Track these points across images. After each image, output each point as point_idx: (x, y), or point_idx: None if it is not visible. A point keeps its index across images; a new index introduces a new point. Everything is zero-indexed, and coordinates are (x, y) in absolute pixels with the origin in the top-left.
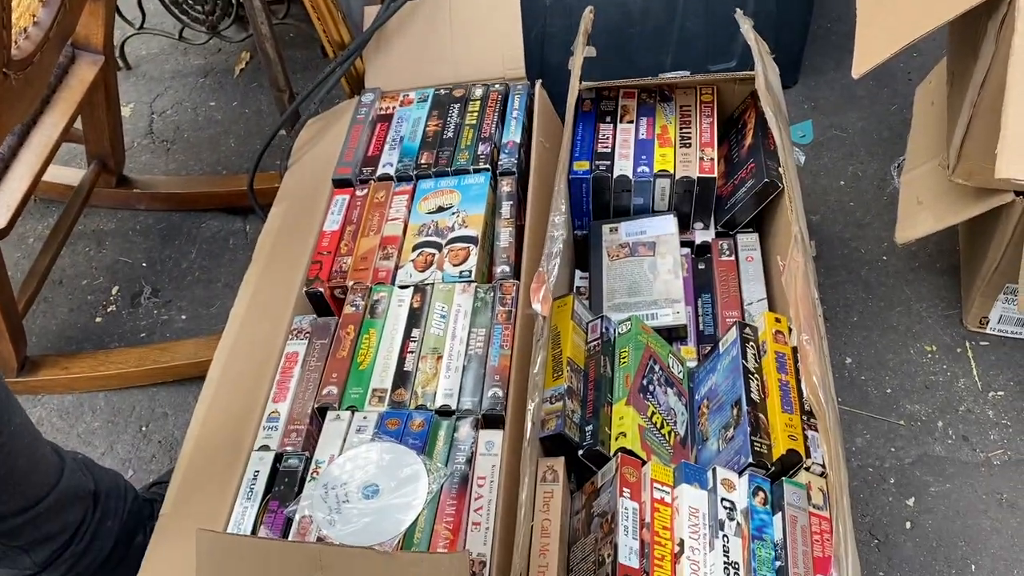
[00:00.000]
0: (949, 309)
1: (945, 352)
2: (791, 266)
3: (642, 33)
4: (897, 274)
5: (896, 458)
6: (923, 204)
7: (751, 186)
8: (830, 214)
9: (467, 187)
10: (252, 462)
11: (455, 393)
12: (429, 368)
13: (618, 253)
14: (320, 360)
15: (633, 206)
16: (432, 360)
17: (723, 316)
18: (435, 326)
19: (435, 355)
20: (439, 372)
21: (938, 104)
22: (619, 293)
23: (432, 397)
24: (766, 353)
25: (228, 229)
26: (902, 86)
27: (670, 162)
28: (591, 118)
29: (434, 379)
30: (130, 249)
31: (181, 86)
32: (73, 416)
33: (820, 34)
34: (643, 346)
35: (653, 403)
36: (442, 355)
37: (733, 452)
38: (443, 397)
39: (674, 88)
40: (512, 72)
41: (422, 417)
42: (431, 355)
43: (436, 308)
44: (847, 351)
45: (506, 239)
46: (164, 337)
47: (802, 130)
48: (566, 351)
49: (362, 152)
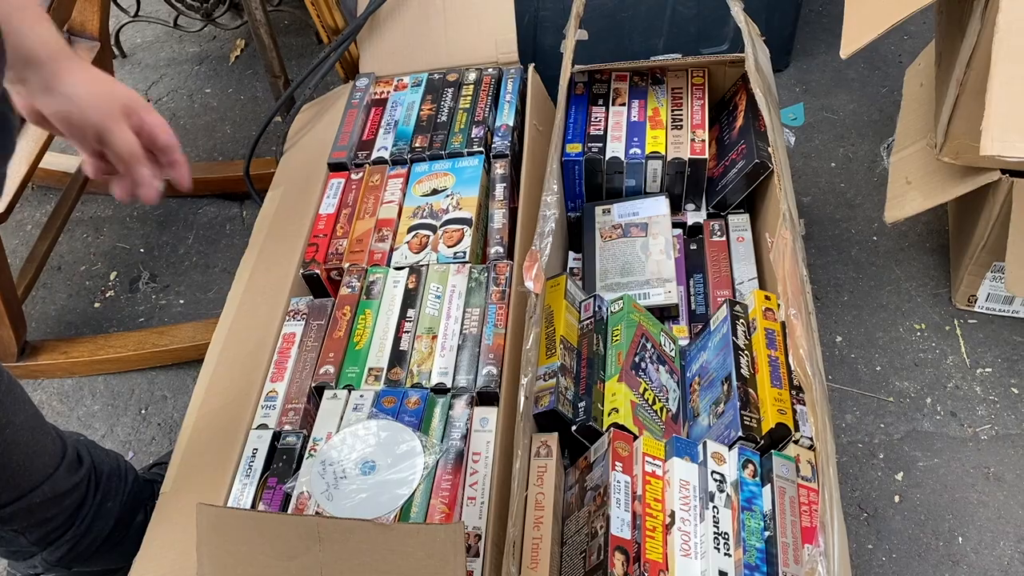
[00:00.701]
0: (938, 288)
1: (934, 330)
2: (779, 243)
3: (634, 17)
4: (887, 254)
5: (885, 434)
6: (912, 184)
7: (742, 167)
8: (821, 195)
9: (461, 170)
10: (251, 440)
11: (450, 371)
12: (424, 347)
13: (611, 234)
14: (317, 340)
15: (625, 188)
16: (427, 339)
17: (714, 295)
18: (430, 306)
19: (430, 334)
20: (434, 351)
21: (927, 85)
22: (612, 273)
23: (428, 375)
24: (756, 330)
25: (225, 215)
26: (893, 68)
27: (662, 144)
28: (583, 101)
29: (429, 358)
30: (128, 235)
31: (176, 73)
32: (73, 400)
33: (811, 17)
34: (635, 324)
35: (645, 380)
36: (437, 334)
37: (724, 426)
38: (438, 375)
39: (666, 71)
40: (505, 56)
41: (418, 395)
42: (426, 334)
43: (431, 288)
44: (838, 330)
45: (500, 220)
46: (162, 322)
47: (793, 113)
48: (559, 329)
49: (357, 136)
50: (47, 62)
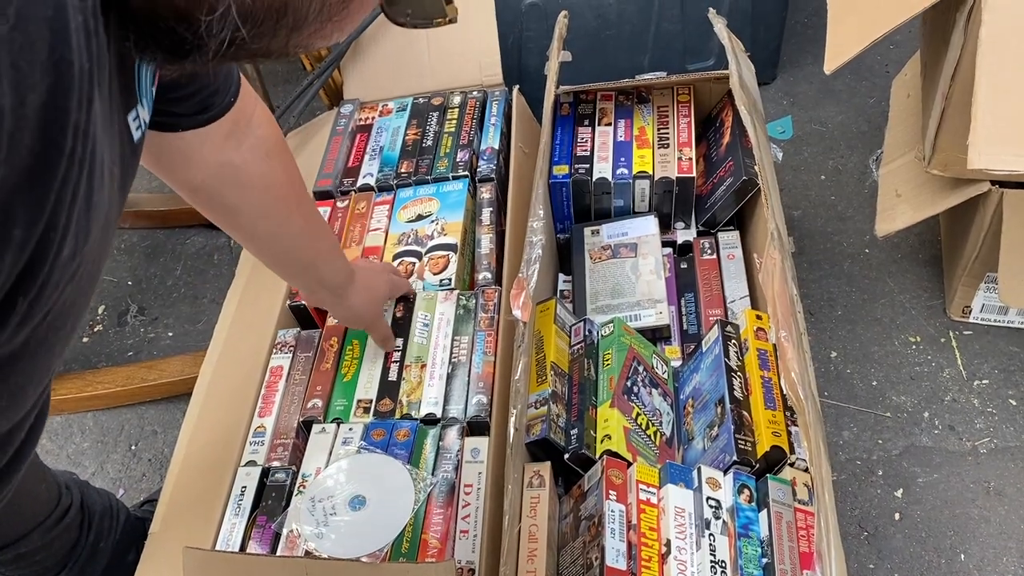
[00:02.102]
0: (932, 300)
1: (929, 343)
2: (768, 263)
3: (618, 35)
4: (880, 266)
5: (883, 450)
6: (902, 196)
7: (730, 184)
8: (811, 209)
9: (446, 195)
10: (239, 477)
11: (440, 401)
12: (414, 377)
13: (600, 255)
14: (305, 373)
15: (614, 208)
16: (416, 369)
17: (706, 315)
18: (418, 335)
19: (419, 364)
20: (423, 381)
21: (914, 96)
22: (602, 295)
23: (418, 406)
24: (748, 350)
25: (212, 245)
26: (880, 79)
27: (649, 163)
28: (569, 121)
29: (419, 388)
30: (115, 268)
31: None
32: (62, 437)
33: (797, 29)
34: (626, 348)
35: (638, 404)
36: (426, 363)
37: (718, 450)
38: (428, 406)
39: (651, 89)
40: (490, 79)
41: (407, 427)
42: (415, 364)
43: (419, 317)
44: (832, 345)
45: (487, 245)
46: (151, 355)
47: (781, 126)
48: (549, 355)
49: (342, 163)
50: (339, 288)
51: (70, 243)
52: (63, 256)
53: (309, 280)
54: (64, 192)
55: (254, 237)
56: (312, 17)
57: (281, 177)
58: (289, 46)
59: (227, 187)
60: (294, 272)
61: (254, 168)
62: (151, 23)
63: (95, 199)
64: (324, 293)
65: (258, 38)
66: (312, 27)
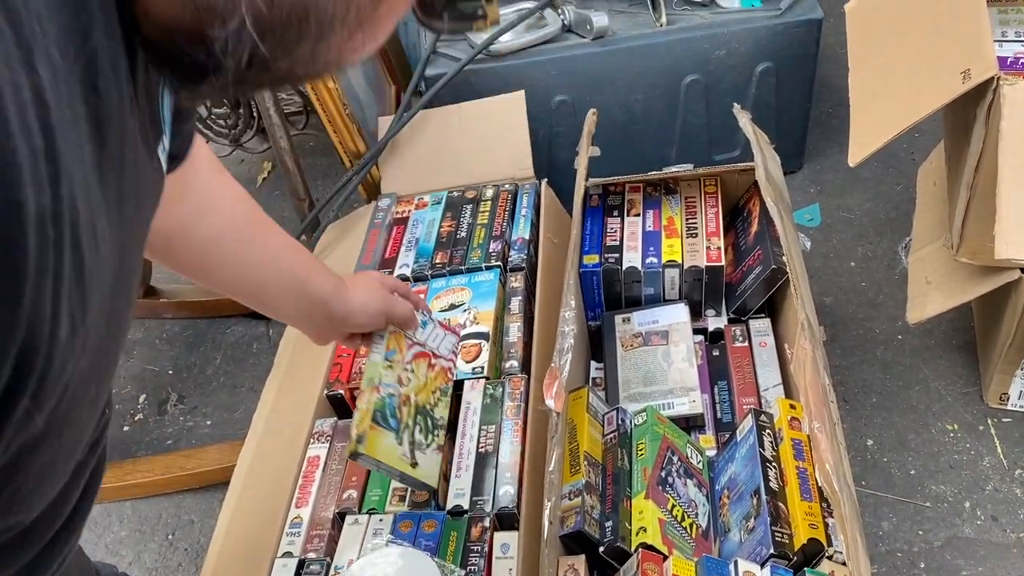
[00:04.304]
0: (968, 386)
1: (967, 430)
2: (799, 354)
3: (645, 129)
4: (913, 352)
5: (925, 541)
6: (932, 283)
7: (759, 273)
8: (843, 295)
9: (477, 284)
10: (276, 569)
11: (467, 492)
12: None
13: (632, 343)
14: (341, 463)
15: (644, 296)
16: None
17: (740, 403)
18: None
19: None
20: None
21: (940, 184)
22: (634, 383)
23: (453, 495)
24: (783, 440)
25: (252, 334)
26: (906, 166)
27: (678, 252)
28: (599, 212)
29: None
30: (157, 357)
31: None
32: (101, 526)
33: (821, 119)
34: (660, 437)
35: (673, 495)
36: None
37: (755, 543)
38: (455, 497)
39: (678, 181)
40: (521, 172)
41: (434, 518)
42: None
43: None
44: (868, 433)
45: (515, 334)
46: (190, 443)
47: (810, 213)
48: (583, 445)
49: (380, 254)
50: (336, 293)
51: (65, 325)
52: (60, 340)
53: (307, 302)
54: (42, 283)
55: (241, 271)
56: (338, 22)
57: (240, 192)
58: (317, 62)
59: (202, 217)
60: (291, 298)
61: (216, 188)
62: (165, 48)
63: (87, 268)
64: (325, 307)
65: (281, 53)
66: (340, 35)
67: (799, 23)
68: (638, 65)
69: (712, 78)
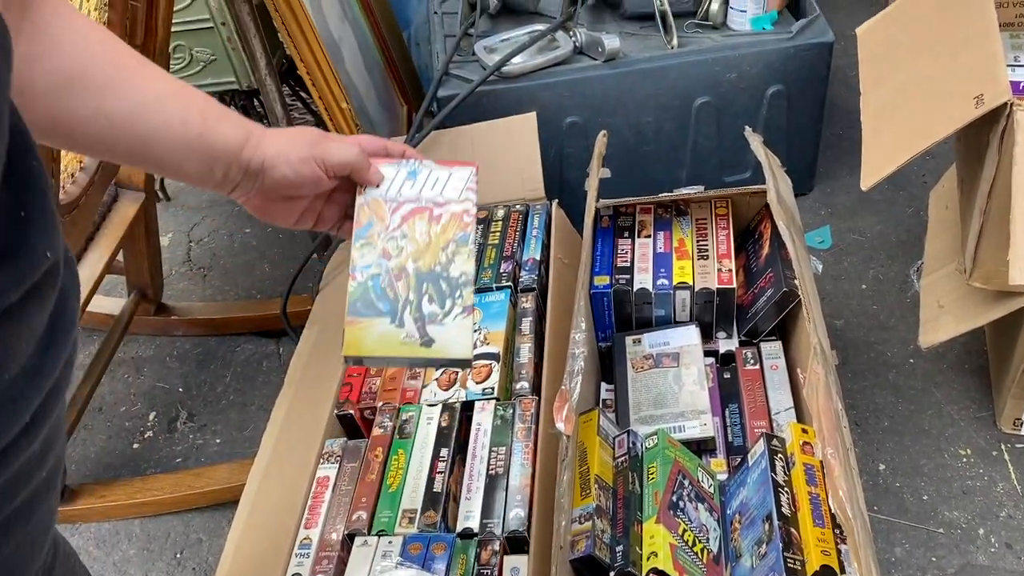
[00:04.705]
0: (981, 411)
1: (980, 456)
2: (811, 379)
3: (656, 151)
4: (926, 376)
5: (938, 568)
6: (944, 308)
7: (770, 295)
8: (854, 318)
9: (488, 304)
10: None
11: (477, 515)
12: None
13: (642, 365)
14: (351, 484)
15: (655, 317)
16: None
17: (751, 426)
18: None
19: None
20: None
21: (952, 208)
22: (645, 405)
23: (463, 517)
24: (795, 465)
25: (262, 352)
26: (917, 188)
27: (689, 274)
28: (609, 233)
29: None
30: (167, 375)
31: (218, 214)
32: (109, 544)
33: (832, 141)
34: (671, 461)
35: (684, 520)
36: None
37: (767, 569)
38: (465, 519)
39: (689, 202)
40: (532, 193)
41: (444, 541)
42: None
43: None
44: (880, 457)
45: (525, 355)
46: (199, 462)
47: (820, 236)
48: (593, 468)
49: None
50: (237, 148)
51: None
52: None
53: (208, 155)
54: None
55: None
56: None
57: (100, 34)
58: None
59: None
60: (186, 153)
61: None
62: None
63: None
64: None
65: None
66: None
67: (810, 46)
68: (649, 87)
69: (723, 100)
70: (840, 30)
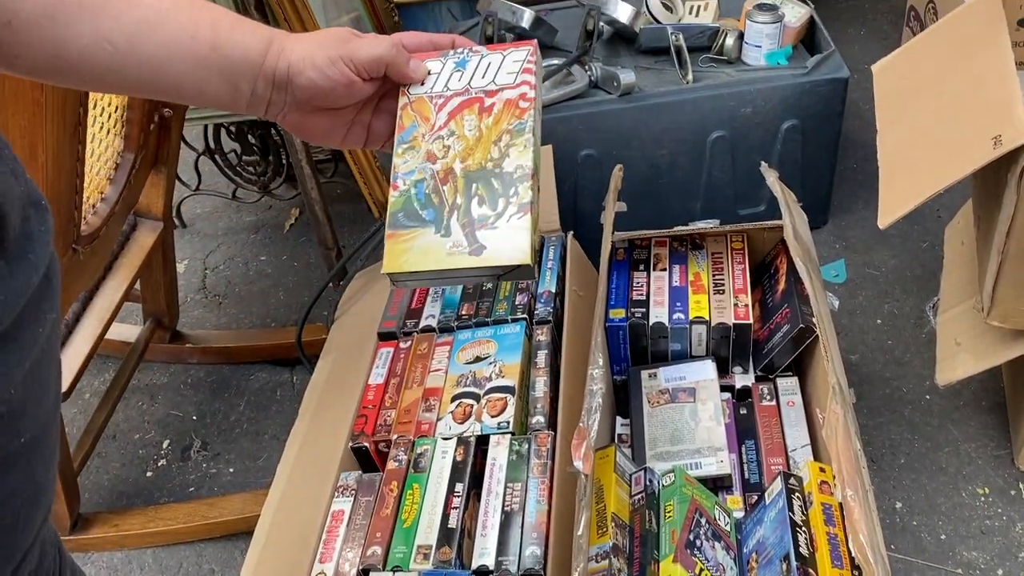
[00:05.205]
0: (999, 449)
1: (999, 495)
2: (830, 419)
3: (671, 183)
4: (942, 413)
5: None
6: (961, 345)
7: (787, 331)
8: (869, 353)
9: (503, 336)
10: None
11: (492, 552)
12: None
13: (658, 399)
14: (366, 518)
15: (671, 351)
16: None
17: (768, 463)
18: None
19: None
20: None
21: (968, 244)
22: (661, 441)
23: (478, 554)
24: (812, 504)
25: (276, 380)
26: (931, 223)
27: (705, 309)
28: (624, 267)
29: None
30: (181, 402)
31: (233, 242)
32: (122, 574)
33: (847, 175)
34: (688, 499)
35: (701, 559)
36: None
37: None
38: (480, 556)
39: (704, 236)
40: (547, 225)
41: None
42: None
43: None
44: (896, 495)
45: (541, 388)
46: (212, 491)
47: (835, 269)
48: (610, 506)
49: (406, 305)
50: (258, 55)
51: None
52: None
53: (228, 68)
54: None
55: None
56: None
57: None
58: None
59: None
60: (204, 71)
61: None
62: None
63: None
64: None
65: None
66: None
67: (825, 82)
68: (664, 121)
69: (738, 135)
70: (854, 64)
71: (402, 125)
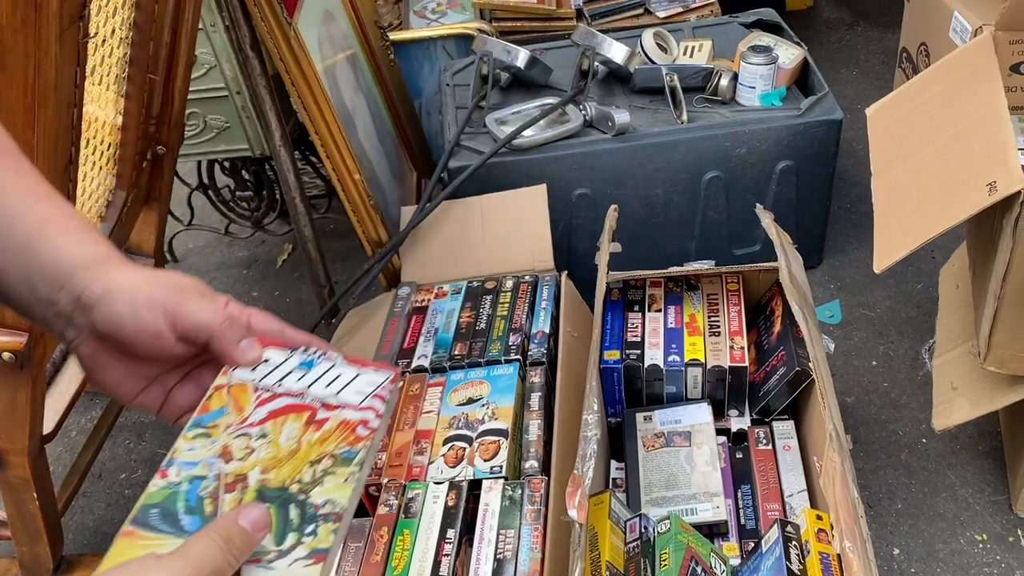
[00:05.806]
0: (997, 494)
1: (997, 541)
2: (828, 466)
3: (665, 223)
4: (939, 457)
5: None
6: (958, 390)
7: (783, 374)
8: (865, 395)
9: (496, 378)
10: None
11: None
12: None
13: (653, 443)
14: (355, 565)
15: (666, 394)
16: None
17: (764, 509)
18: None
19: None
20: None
21: (963, 287)
22: (656, 486)
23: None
24: (810, 553)
25: None
26: (925, 264)
27: (700, 351)
28: (619, 307)
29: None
30: (169, 441)
31: (225, 277)
32: None
33: (840, 214)
34: (683, 546)
35: None
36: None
37: None
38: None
39: (700, 277)
40: (541, 264)
41: None
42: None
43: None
44: (894, 541)
45: (535, 432)
46: None
47: (830, 310)
48: (604, 554)
49: (398, 344)
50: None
51: None
52: None
53: (39, 274)
54: None
55: None
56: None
57: None
58: None
59: None
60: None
61: None
62: None
63: None
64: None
65: None
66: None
67: (819, 123)
68: (659, 161)
69: (732, 175)
70: (847, 104)
71: (207, 406)
